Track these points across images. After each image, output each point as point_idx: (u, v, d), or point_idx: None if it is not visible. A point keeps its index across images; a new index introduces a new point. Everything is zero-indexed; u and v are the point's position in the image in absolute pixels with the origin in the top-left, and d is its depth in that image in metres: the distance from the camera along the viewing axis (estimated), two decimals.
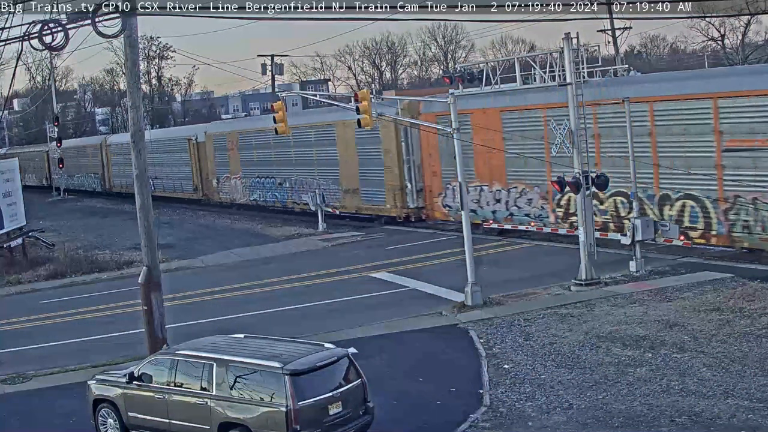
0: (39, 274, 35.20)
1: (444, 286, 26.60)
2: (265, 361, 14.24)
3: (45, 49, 18.74)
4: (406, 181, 38.55)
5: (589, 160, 25.35)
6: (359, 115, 25.19)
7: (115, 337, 24.27)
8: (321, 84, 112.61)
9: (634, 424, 14.87)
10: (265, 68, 75.47)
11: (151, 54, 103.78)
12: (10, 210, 38.04)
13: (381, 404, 15.43)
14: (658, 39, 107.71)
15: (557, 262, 28.55)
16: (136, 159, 19.72)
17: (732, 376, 16.64)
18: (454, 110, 24.59)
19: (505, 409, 16.17)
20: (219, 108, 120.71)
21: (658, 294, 23.08)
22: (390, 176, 39.09)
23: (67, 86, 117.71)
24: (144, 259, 19.86)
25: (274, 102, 31.05)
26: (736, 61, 64.66)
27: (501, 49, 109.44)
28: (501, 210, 34.01)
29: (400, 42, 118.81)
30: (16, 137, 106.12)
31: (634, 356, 18.27)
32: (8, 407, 18.78)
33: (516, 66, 25.98)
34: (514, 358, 19.01)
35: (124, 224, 47.84)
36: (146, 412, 15.34)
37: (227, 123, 64.64)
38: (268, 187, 48.04)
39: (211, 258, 37.09)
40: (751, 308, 20.79)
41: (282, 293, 28.77)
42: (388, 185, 39.37)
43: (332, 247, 37.28)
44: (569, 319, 21.58)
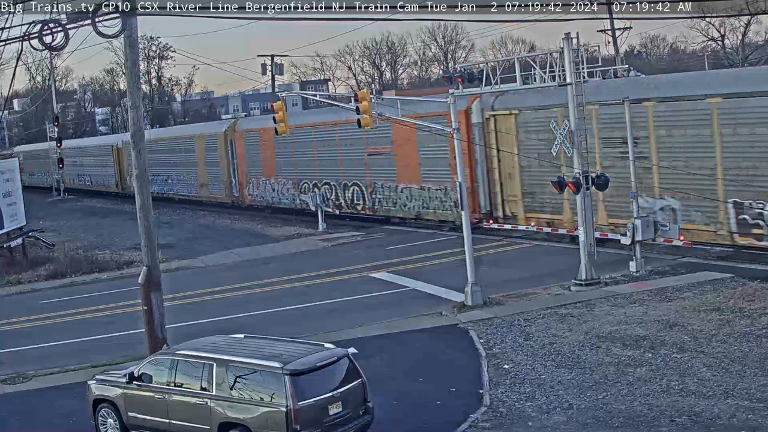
0: (39, 274, 35.20)
1: (444, 286, 26.60)
2: (265, 361, 14.24)
3: (45, 49, 18.75)
4: (231, 177, 51.71)
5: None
6: (359, 115, 25.16)
7: (115, 337, 24.27)
8: (321, 84, 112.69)
9: (634, 424, 14.87)
10: (265, 68, 75.47)
11: (151, 54, 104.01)
12: (10, 210, 38.06)
13: (381, 404, 15.43)
14: (658, 39, 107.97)
15: (557, 262, 28.56)
16: (136, 159, 19.73)
17: (732, 376, 16.64)
18: (453, 111, 24.60)
19: (505, 409, 16.17)
20: (219, 108, 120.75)
21: (658, 294, 23.09)
22: (223, 174, 52.60)
23: (67, 86, 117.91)
24: (144, 259, 19.86)
25: (274, 102, 31.06)
26: (737, 62, 64.68)
27: (501, 49, 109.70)
28: (274, 195, 47.86)
29: (400, 42, 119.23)
30: (16, 137, 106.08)
31: (634, 356, 18.27)
32: (8, 407, 18.77)
33: (516, 66, 25.96)
34: (514, 358, 19.01)
35: (124, 224, 47.87)
36: (146, 412, 15.34)
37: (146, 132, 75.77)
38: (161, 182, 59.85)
39: (211, 258, 37.09)
40: (751, 308, 20.79)
41: (282, 293, 28.77)
42: (222, 180, 52.74)
43: (332, 247, 37.29)
44: (569, 319, 21.58)
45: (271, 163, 47.49)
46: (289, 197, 46.36)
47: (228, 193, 52.67)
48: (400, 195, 38.69)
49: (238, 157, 51.03)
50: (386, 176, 39.55)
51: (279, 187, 47.31)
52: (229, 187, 52.39)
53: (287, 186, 46.58)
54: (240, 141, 50.89)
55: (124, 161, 65.20)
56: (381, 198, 40.05)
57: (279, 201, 47.55)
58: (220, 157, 52.49)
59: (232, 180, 51.98)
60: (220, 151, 52.48)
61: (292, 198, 46.09)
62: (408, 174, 38.06)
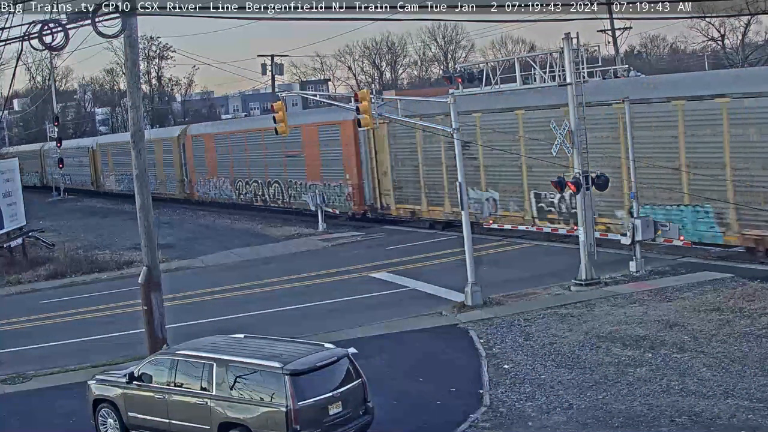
0: (39, 274, 35.20)
1: (444, 286, 26.60)
2: (265, 361, 14.24)
3: (45, 49, 18.73)
4: (183, 176, 58.05)
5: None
6: (359, 115, 25.19)
7: (115, 337, 24.27)
8: (321, 84, 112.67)
9: (634, 424, 14.87)
10: (265, 68, 75.48)
11: (151, 54, 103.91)
12: (10, 210, 38.03)
13: (381, 404, 15.44)
14: (658, 39, 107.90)
15: (557, 262, 28.56)
16: (136, 159, 19.75)
17: (732, 376, 16.64)
18: (453, 111, 24.59)
19: (505, 409, 16.17)
20: (219, 108, 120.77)
21: (658, 294, 23.08)
22: (178, 174, 58.55)
23: (67, 86, 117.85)
24: (144, 259, 19.87)
25: (274, 102, 31.01)
26: (737, 62, 64.67)
27: (501, 49, 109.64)
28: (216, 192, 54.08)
29: (400, 42, 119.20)
30: (16, 137, 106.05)
31: (634, 356, 18.27)
32: (8, 407, 18.78)
33: (516, 66, 25.96)
34: (514, 358, 19.01)
35: (124, 224, 47.88)
36: (146, 412, 15.34)
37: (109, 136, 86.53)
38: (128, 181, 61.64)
39: (211, 258, 37.09)
40: (751, 308, 20.79)
41: (282, 293, 28.78)
42: (177, 178, 58.78)
43: (332, 247, 37.30)
44: (569, 319, 21.58)
45: (214, 164, 54.09)
46: (228, 193, 53.24)
47: (181, 190, 59.16)
48: (308, 190, 44.31)
49: (188, 159, 57.67)
50: (299, 175, 45.88)
51: (220, 185, 54.01)
52: (182, 185, 58.93)
53: (227, 183, 53.17)
54: (190, 145, 57.28)
55: (98, 162, 72.33)
56: (295, 193, 46.26)
57: (219, 196, 54.38)
58: (174, 159, 59.12)
59: (184, 178, 58.60)
60: (174, 153, 58.95)
61: (230, 194, 53.18)
62: (314, 173, 44.56)
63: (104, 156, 70.90)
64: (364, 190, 41.24)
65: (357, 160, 41.07)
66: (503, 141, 32.23)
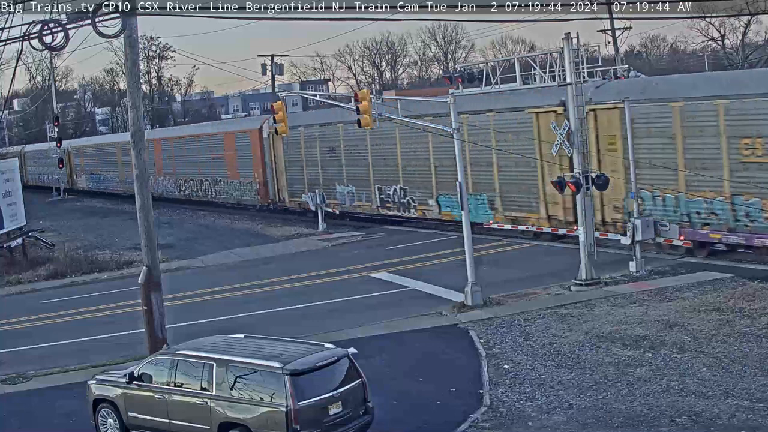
0: (39, 274, 35.20)
1: (444, 286, 26.60)
2: (265, 361, 14.24)
3: (45, 49, 18.72)
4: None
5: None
6: (359, 114, 25.18)
7: (115, 337, 24.27)
8: (321, 84, 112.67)
9: (634, 424, 14.87)
10: (265, 68, 75.40)
11: (151, 54, 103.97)
12: (10, 210, 38.03)
13: (381, 404, 15.43)
14: (658, 39, 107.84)
15: (557, 262, 28.55)
16: (136, 159, 19.76)
17: (732, 376, 16.64)
18: (453, 111, 24.60)
19: (505, 409, 16.17)
20: (219, 108, 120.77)
21: (658, 294, 23.08)
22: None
23: (67, 86, 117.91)
24: (144, 259, 19.86)
25: (274, 102, 31.01)
26: (737, 62, 64.67)
27: (501, 49, 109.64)
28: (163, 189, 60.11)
29: (400, 42, 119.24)
30: (16, 137, 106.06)
31: (634, 356, 18.27)
32: (8, 407, 18.77)
33: (516, 66, 25.96)
34: (514, 358, 19.01)
35: (124, 224, 47.88)
36: (146, 412, 15.34)
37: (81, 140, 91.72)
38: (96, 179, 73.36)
39: (211, 258, 37.10)
40: (751, 308, 20.79)
41: (282, 293, 28.78)
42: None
43: (332, 247, 37.30)
44: (569, 319, 21.58)
45: (160, 165, 60.61)
46: (174, 190, 60.08)
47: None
48: (230, 187, 52.27)
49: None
50: (223, 174, 53.21)
51: (166, 183, 61.04)
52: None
53: (171, 181, 60.30)
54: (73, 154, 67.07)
55: (73, 163, 79.08)
56: (220, 189, 53.73)
57: (166, 192, 60.54)
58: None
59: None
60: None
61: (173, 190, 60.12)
62: (233, 172, 51.95)
63: (77, 157, 79.02)
64: (268, 187, 48.67)
65: (262, 162, 48.71)
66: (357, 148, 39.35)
